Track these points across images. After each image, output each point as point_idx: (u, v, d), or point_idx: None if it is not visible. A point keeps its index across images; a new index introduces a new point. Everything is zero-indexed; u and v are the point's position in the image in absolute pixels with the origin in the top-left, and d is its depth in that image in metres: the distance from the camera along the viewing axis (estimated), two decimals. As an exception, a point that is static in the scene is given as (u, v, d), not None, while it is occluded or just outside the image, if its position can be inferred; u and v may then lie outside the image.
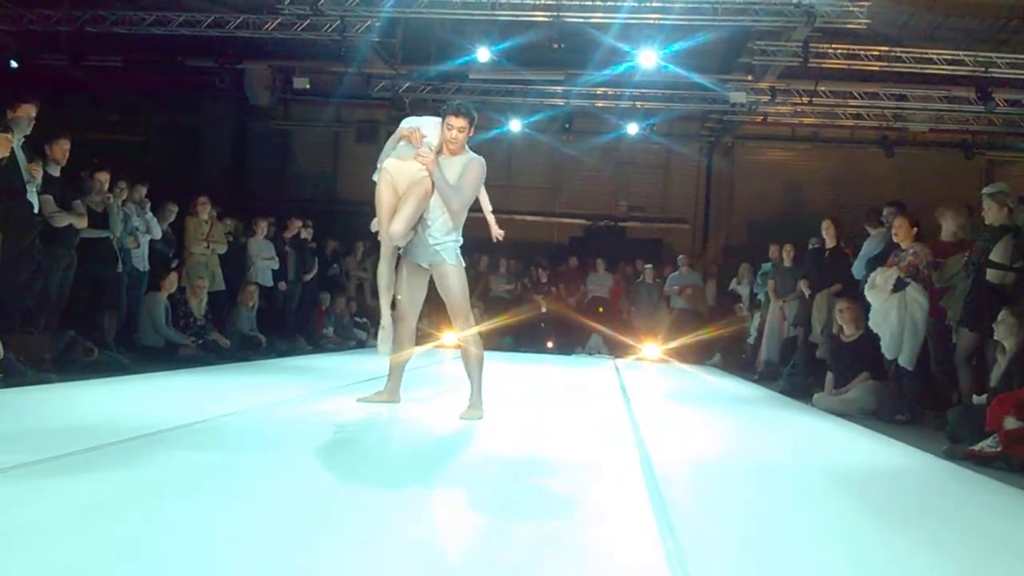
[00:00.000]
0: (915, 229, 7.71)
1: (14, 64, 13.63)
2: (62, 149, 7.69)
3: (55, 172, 7.69)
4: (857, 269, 8.76)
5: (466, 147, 5.68)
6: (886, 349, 7.54)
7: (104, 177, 8.44)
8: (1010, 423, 5.25)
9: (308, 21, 12.38)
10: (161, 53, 13.89)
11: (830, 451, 5.81)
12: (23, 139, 7.02)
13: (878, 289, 7.59)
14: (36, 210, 7.17)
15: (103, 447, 3.90)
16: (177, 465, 3.72)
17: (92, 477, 3.37)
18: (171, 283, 9.53)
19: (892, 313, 7.44)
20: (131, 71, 14.38)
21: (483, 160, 5.70)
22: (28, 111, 7.04)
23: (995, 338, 6.18)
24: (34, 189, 7.08)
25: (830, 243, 9.63)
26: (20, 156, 6.88)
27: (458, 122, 5.52)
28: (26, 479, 3.26)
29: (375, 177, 5.67)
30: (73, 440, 3.94)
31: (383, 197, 5.58)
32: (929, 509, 4.05)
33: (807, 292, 9.78)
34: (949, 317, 7.18)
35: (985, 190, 7.07)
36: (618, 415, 6.63)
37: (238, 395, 6.28)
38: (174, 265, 10.15)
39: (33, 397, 5.59)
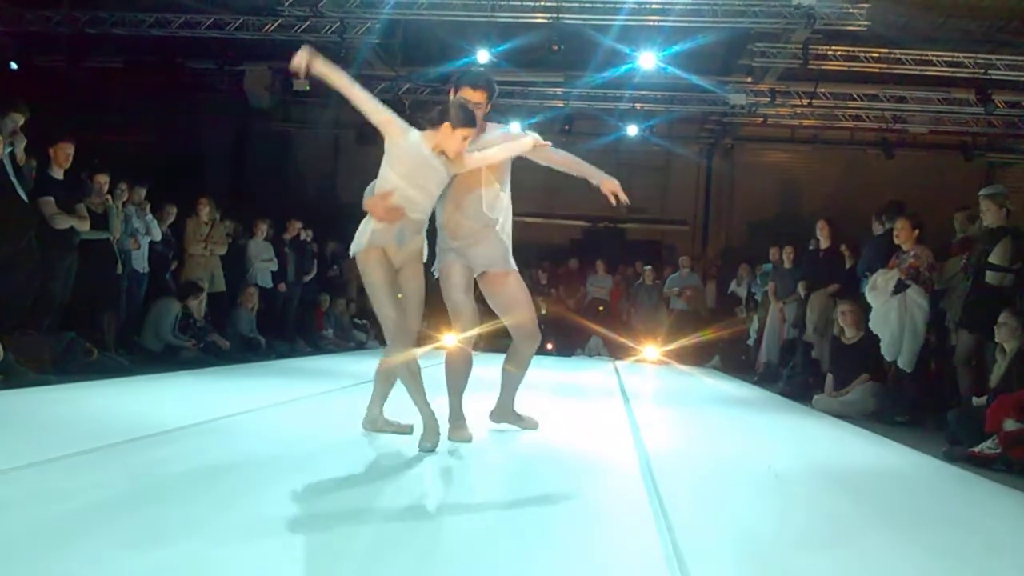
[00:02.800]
0: (917, 231, 7.72)
1: (13, 65, 13.64)
2: (65, 152, 7.70)
3: (58, 175, 7.70)
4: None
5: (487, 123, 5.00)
6: (885, 350, 7.55)
7: (104, 179, 8.45)
8: (1010, 425, 5.26)
9: (308, 23, 12.39)
10: (161, 55, 13.90)
11: (830, 453, 5.80)
12: (10, 144, 7.01)
13: (879, 291, 7.60)
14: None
15: (102, 448, 3.90)
16: (177, 467, 3.72)
17: (92, 478, 3.36)
18: (199, 305, 9.57)
19: (892, 315, 7.44)
20: (131, 72, 14.38)
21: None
22: (16, 118, 7.05)
23: (996, 340, 6.18)
24: (11, 174, 7.02)
25: (824, 244, 9.67)
26: (6, 160, 6.87)
27: (476, 96, 4.79)
28: (25, 481, 3.26)
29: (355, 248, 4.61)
30: (72, 441, 3.93)
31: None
32: (929, 511, 4.04)
33: (804, 293, 9.80)
34: (948, 319, 7.19)
35: (982, 191, 7.09)
36: (618, 417, 6.63)
37: (238, 397, 6.28)
38: (173, 267, 10.16)
39: (32, 398, 5.59)
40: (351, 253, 4.61)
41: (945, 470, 5.13)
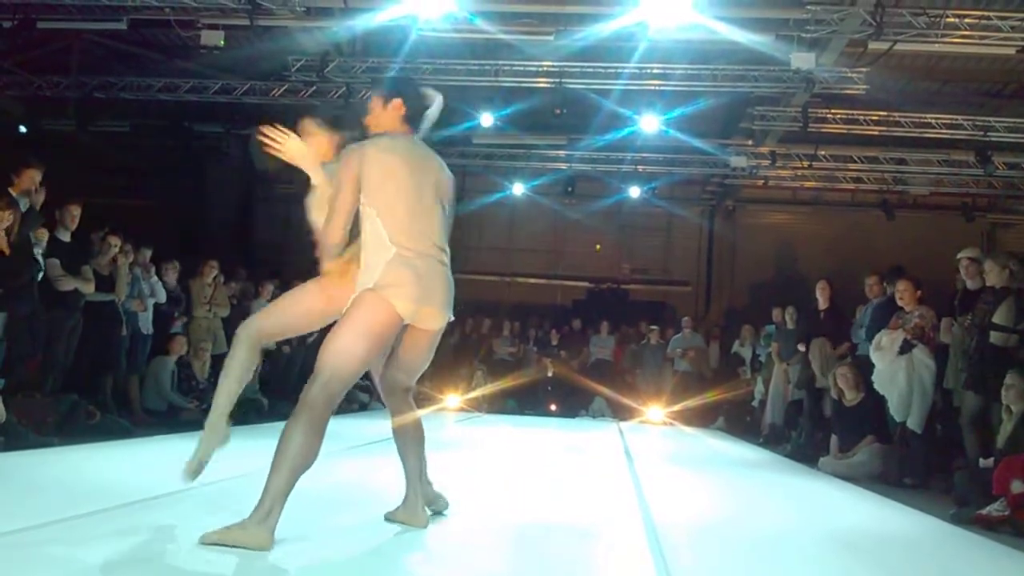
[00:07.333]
0: (919, 292, 7.75)
1: (22, 129, 13.80)
2: (72, 215, 7.78)
3: (65, 237, 7.77)
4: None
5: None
6: (894, 411, 7.52)
7: (116, 241, 8.51)
8: (1017, 486, 5.22)
9: (314, 87, 12.55)
10: (169, 118, 14.08)
11: (837, 516, 5.74)
12: (29, 203, 7.09)
13: (884, 351, 7.59)
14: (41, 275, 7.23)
15: (104, 511, 3.87)
16: (179, 529, 3.69)
17: (94, 541, 3.34)
18: (180, 346, 9.55)
19: (900, 375, 7.42)
20: (138, 136, 14.55)
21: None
22: (32, 176, 7.12)
23: (1004, 402, 6.15)
24: (39, 252, 7.14)
25: (823, 304, 9.70)
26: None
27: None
28: (21, 544, 3.23)
29: None
30: (69, 505, 3.91)
31: None
32: (937, 574, 3.99)
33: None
34: (946, 381, 7.19)
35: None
36: (622, 478, 6.58)
37: (240, 459, 6.22)
38: (183, 322, 10.15)
39: (32, 460, 5.56)
40: None
41: (953, 533, 5.08)
